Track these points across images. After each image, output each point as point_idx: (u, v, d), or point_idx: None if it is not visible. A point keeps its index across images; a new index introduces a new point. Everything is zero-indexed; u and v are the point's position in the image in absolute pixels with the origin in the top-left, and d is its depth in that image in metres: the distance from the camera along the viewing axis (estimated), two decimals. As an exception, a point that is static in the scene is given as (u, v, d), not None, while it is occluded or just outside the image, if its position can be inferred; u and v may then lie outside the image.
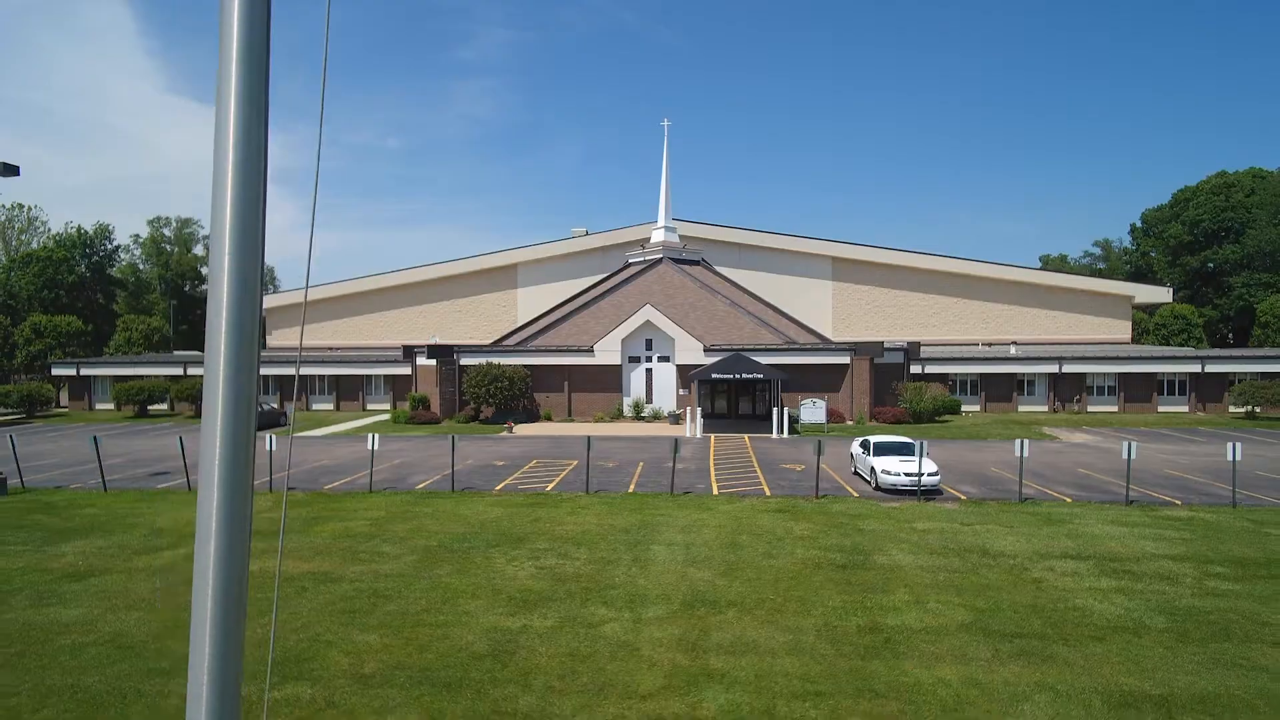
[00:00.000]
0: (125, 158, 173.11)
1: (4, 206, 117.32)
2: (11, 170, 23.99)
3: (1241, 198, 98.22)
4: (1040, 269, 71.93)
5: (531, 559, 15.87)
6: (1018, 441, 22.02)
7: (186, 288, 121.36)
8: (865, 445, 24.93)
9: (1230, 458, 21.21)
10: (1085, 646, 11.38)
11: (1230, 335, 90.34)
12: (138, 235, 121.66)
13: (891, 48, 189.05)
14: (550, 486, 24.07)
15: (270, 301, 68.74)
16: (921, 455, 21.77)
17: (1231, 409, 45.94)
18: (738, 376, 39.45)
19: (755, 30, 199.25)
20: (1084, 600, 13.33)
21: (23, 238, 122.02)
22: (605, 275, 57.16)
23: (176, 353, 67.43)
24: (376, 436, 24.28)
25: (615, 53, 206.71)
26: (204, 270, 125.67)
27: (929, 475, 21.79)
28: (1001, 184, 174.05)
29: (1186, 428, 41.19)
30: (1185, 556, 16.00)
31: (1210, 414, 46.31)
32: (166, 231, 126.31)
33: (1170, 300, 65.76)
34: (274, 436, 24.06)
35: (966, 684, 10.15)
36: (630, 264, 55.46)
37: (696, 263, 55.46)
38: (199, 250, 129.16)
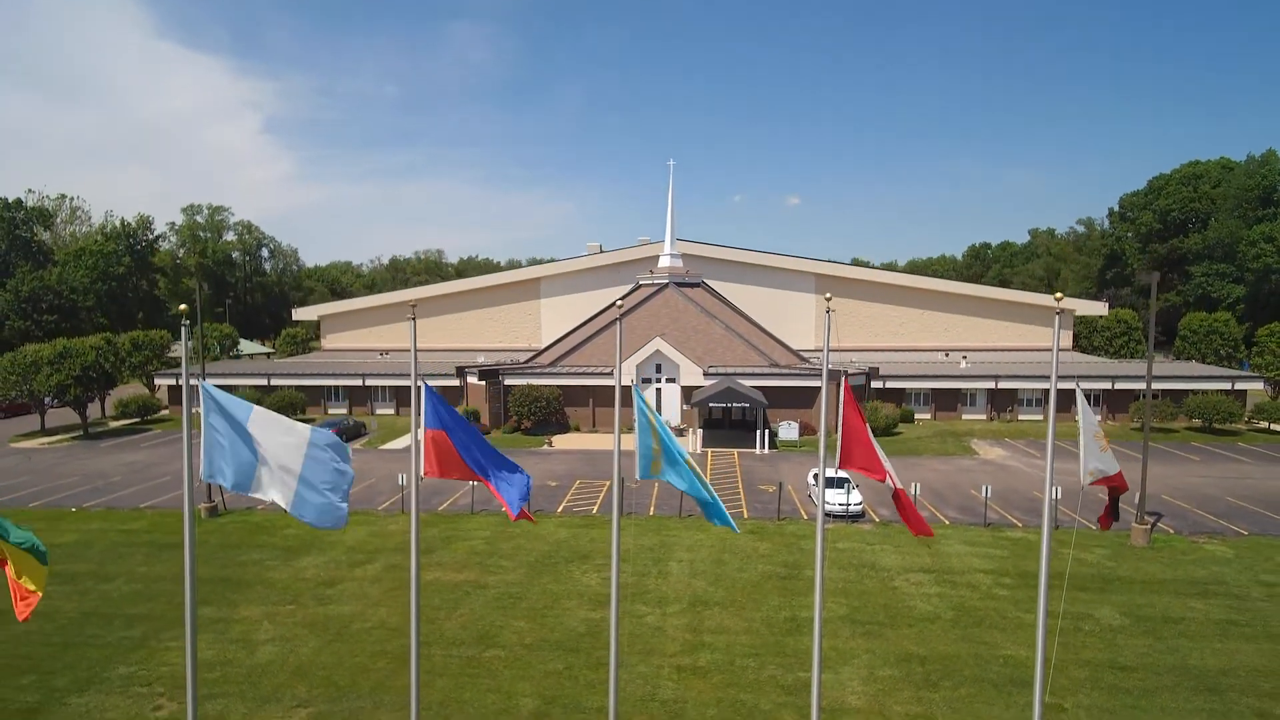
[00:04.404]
0: (115, 106, 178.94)
1: (49, 197, 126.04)
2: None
3: (1208, 189, 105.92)
4: (995, 285, 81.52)
5: (596, 571, 26.08)
6: (914, 484, 32.16)
7: (219, 271, 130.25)
8: (815, 477, 35.06)
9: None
10: (900, 629, 21.63)
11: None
12: (174, 223, 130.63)
13: (895, 25, 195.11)
14: (594, 509, 34.27)
15: (325, 309, 78.73)
16: (849, 490, 31.94)
17: (1132, 423, 56.06)
18: (729, 406, 50.05)
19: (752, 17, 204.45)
20: (915, 602, 23.57)
21: (69, 228, 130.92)
22: (622, 295, 66.85)
23: (247, 354, 77.42)
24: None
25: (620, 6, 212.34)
26: (235, 255, 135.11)
27: (854, 505, 31.95)
28: (1008, 151, 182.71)
29: (1088, 439, 51.28)
30: (991, 570, 26.23)
31: (1118, 423, 56.44)
32: (199, 219, 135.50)
33: (1106, 314, 75.45)
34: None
35: (829, 650, 20.41)
36: (641, 285, 65.12)
37: (697, 285, 65.16)
38: (230, 236, 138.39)
